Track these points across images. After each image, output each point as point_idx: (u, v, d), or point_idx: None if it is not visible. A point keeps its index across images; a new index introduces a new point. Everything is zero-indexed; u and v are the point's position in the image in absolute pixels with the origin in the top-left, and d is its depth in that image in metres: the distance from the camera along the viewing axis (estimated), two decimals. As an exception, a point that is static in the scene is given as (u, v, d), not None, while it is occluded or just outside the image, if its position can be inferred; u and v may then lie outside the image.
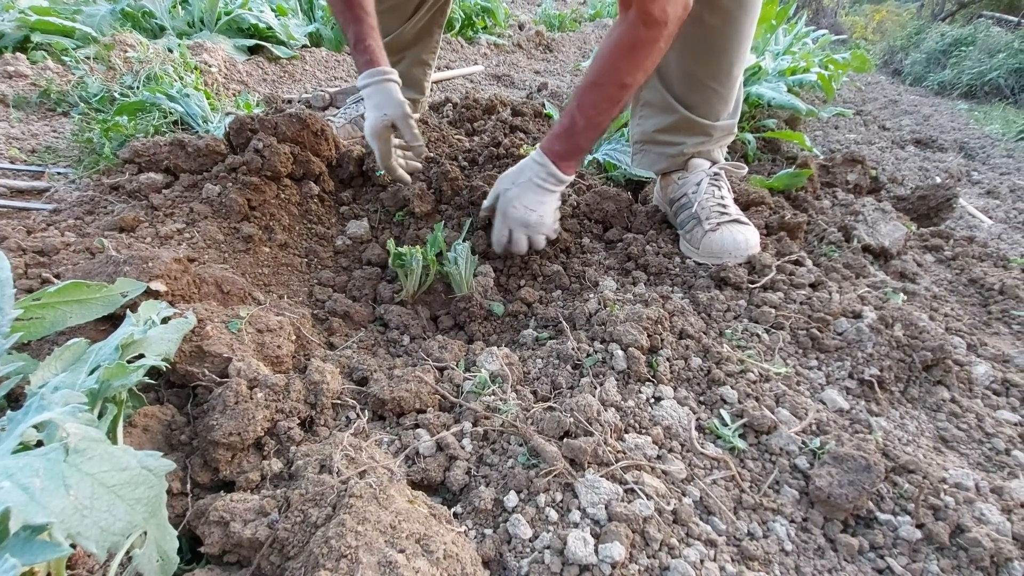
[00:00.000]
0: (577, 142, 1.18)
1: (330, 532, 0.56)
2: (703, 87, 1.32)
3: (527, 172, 1.22)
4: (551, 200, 1.23)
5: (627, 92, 1.11)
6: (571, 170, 1.22)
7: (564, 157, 1.19)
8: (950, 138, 3.27)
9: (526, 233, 1.23)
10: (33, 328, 0.76)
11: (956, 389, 1.05)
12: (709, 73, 1.30)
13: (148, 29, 2.58)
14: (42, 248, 1.07)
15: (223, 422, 0.73)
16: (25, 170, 1.50)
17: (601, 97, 1.11)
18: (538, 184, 1.20)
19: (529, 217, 1.21)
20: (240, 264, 1.25)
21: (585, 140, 1.18)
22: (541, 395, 0.93)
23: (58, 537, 0.35)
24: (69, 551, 0.35)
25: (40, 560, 0.34)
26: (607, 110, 1.12)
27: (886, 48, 7.12)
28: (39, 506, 0.35)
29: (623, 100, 1.12)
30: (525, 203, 1.20)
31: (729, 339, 1.09)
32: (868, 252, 1.45)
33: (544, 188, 1.21)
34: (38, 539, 0.35)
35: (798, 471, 0.83)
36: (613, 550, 0.64)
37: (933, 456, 0.89)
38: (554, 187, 1.22)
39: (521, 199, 1.21)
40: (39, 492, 0.35)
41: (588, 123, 1.15)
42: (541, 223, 1.22)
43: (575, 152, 1.20)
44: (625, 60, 1.07)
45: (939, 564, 0.72)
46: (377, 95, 1.30)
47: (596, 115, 1.13)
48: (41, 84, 1.95)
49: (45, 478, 0.36)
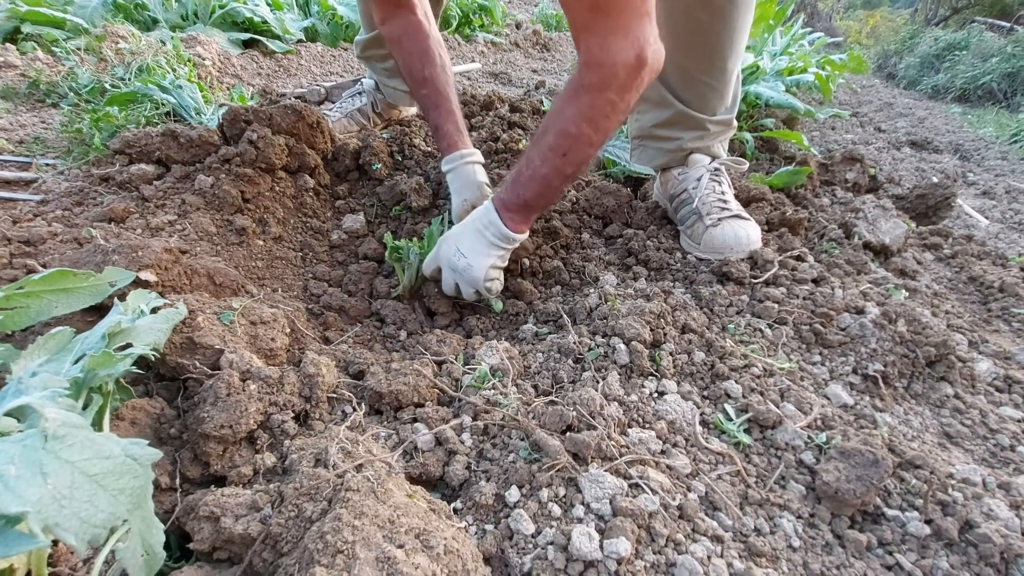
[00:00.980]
0: (520, 194, 1.07)
1: (326, 527, 0.54)
2: (697, 82, 1.30)
3: (474, 215, 1.13)
4: (487, 252, 1.10)
5: (574, 144, 0.99)
6: (516, 226, 1.10)
7: (508, 208, 1.09)
8: (945, 140, 3.29)
9: (453, 279, 1.13)
10: (17, 317, 0.74)
11: (959, 385, 1.04)
12: (702, 68, 1.28)
13: (141, 21, 2.54)
14: (28, 238, 1.04)
15: (214, 414, 0.71)
16: (12, 160, 1.47)
17: (545, 145, 1.01)
18: (477, 230, 1.10)
19: (458, 262, 1.10)
20: (233, 257, 1.22)
21: (531, 192, 1.06)
22: (542, 389, 0.91)
23: (34, 528, 0.33)
24: (45, 543, 0.33)
25: (13, 552, 0.32)
26: (550, 160, 1.01)
27: (880, 52, 7.17)
28: (13, 495, 0.32)
29: (570, 153, 1.00)
30: (459, 246, 1.10)
31: (732, 334, 1.07)
32: (869, 249, 1.44)
33: (483, 236, 1.10)
34: (13, 530, 0.33)
35: (804, 466, 0.82)
36: (619, 545, 0.62)
37: (938, 452, 0.88)
38: (494, 239, 1.10)
39: (458, 240, 1.11)
40: (14, 480, 0.33)
41: (533, 174, 1.04)
42: (468, 272, 1.10)
43: (521, 205, 1.08)
44: (569, 106, 0.97)
45: (948, 560, 0.71)
46: (458, 180, 1.29)
47: (540, 165, 1.02)
48: (30, 75, 1.92)
49: (21, 465, 0.34)
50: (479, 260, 1.10)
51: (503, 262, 1.16)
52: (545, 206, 1.19)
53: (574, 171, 1.04)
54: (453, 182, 1.30)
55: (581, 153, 1.01)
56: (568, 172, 1.03)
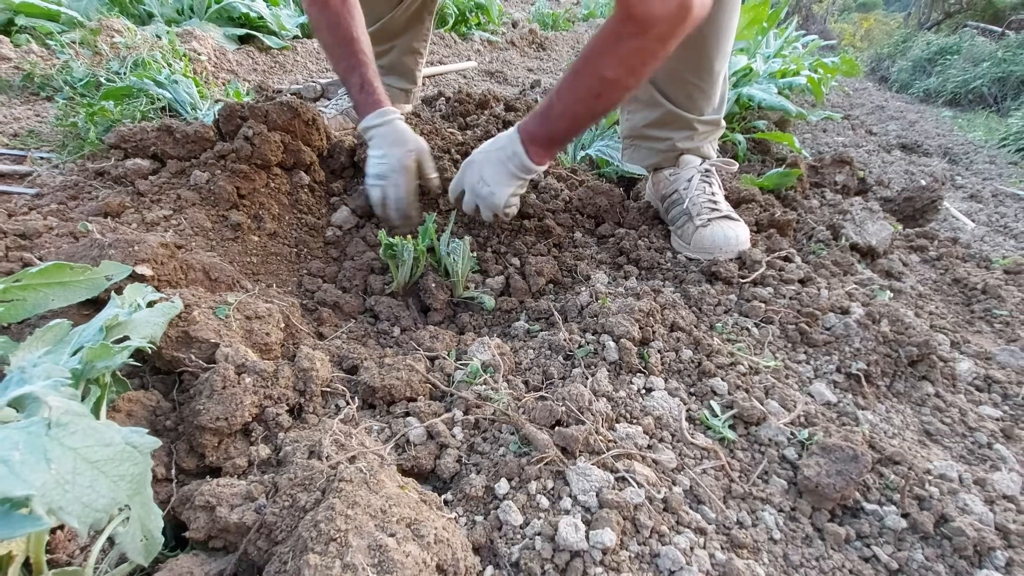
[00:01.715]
0: (551, 128, 1.11)
1: (319, 516, 0.55)
2: (685, 82, 1.32)
3: (497, 144, 1.17)
4: (510, 182, 1.17)
5: (609, 88, 1.02)
6: (541, 158, 1.15)
7: (536, 141, 1.12)
8: (935, 144, 3.33)
9: (475, 201, 1.21)
10: (13, 310, 0.74)
11: (940, 384, 1.06)
12: (689, 68, 1.30)
13: (136, 15, 2.54)
14: (23, 231, 1.05)
15: (210, 407, 0.72)
16: (6, 154, 1.47)
17: (579, 85, 1.04)
18: (501, 160, 1.16)
19: (480, 189, 1.18)
20: (228, 252, 1.23)
21: (559, 128, 1.11)
22: (533, 385, 0.93)
23: (39, 511, 0.34)
24: (49, 524, 0.34)
25: (20, 533, 0.33)
26: (584, 100, 1.05)
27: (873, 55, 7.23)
28: (18, 479, 0.34)
29: (604, 95, 1.04)
30: (482, 174, 1.17)
31: (719, 332, 1.09)
32: (856, 250, 1.47)
33: (506, 167, 1.15)
34: (17, 513, 0.34)
35: (787, 461, 0.84)
36: (604, 536, 0.64)
37: (918, 449, 0.91)
38: (517, 170, 1.15)
39: (481, 168, 1.17)
40: (19, 465, 0.34)
41: (564, 110, 1.08)
42: (491, 198, 1.18)
43: (548, 139, 1.13)
44: (607, 52, 1.00)
45: (924, 553, 0.73)
46: (393, 133, 1.29)
47: (573, 104, 1.06)
48: (24, 68, 1.91)
49: (25, 451, 0.35)
50: (501, 189, 1.17)
51: (522, 190, 1.24)
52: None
53: (604, 111, 1.08)
54: (387, 135, 1.29)
55: (615, 95, 1.05)
56: (598, 111, 1.08)
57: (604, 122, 1.96)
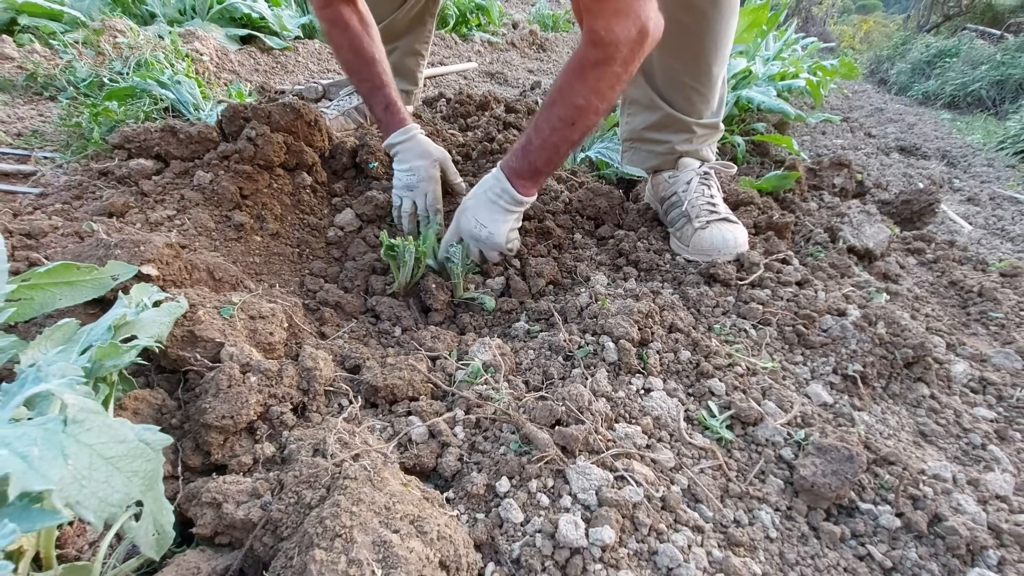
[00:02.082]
0: (532, 161, 1.15)
1: (325, 512, 0.57)
2: (683, 85, 1.35)
3: (484, 186, 1.21)
4: (505, 219, 1.20)
5: (582, 114, 1.07)
6: (527, 191, 1.19)
7: (520, 175, 1.17)
8: (933, 146, 3.35)
9: (477, 247, 1.24)
10: (22, 309, 0.75)
11: (936, 386, 1.08)
12: (688, 72, 1.33)
13: (138, 15, 2.54)
14: (29, 231, 1.06)
15: (216, 405, 0.73)
16: (10, 153, 1.48)
17: (554, 116, 1.09)
18: (492, 200, 1.19)
19: (479, 232, 1.20)
20: (231, 252, 1.24)
21: (540, 160, 1.14)
22: (533, 385, 0.94)
23: (56, 505, 0.35)
24: (67, 518, 0.35)
25: (39, 526, 0.34)
26: (560, 129, 1.09)
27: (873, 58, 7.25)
28: (37, 474, 0.35)
29: (578, 122, 1.08)
30: (478, 217, 1.20)
31: (718, 334, 1.11)
32: (853, 253, 1.48)
33: (498, 205, 1.19)
34: (36, 507, 0.35)
35: (783, 461, 0.85)
36: (603, 534, 0.65)
37: (913, 449, 0.92)
38: (509, 205, 1.19)
39: (476, 212, 1.20)
40: (37, 460, 0.35)
41: (543, 142, 1.12)
42: (492, 239, 1.20)
43: (531, 172, 1.17)
44: (577, 80, 1.04)
45: (917, 551, 0.74)
46: (418, 147, 1.36)
47: (550, 135, 1.10)
48: (28, 67, 1.92)
49: (43, 447, 0.36)
50: (499, 227, 1.20)
51: (518, 223, 1.27)
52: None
53: (580, 137, 1.12)
54: (411, 149, 1.37)
55: (588, 121, 1.09)
56: (575, 139, 1.12)
57: (604, 124, 1.98)
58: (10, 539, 0.32)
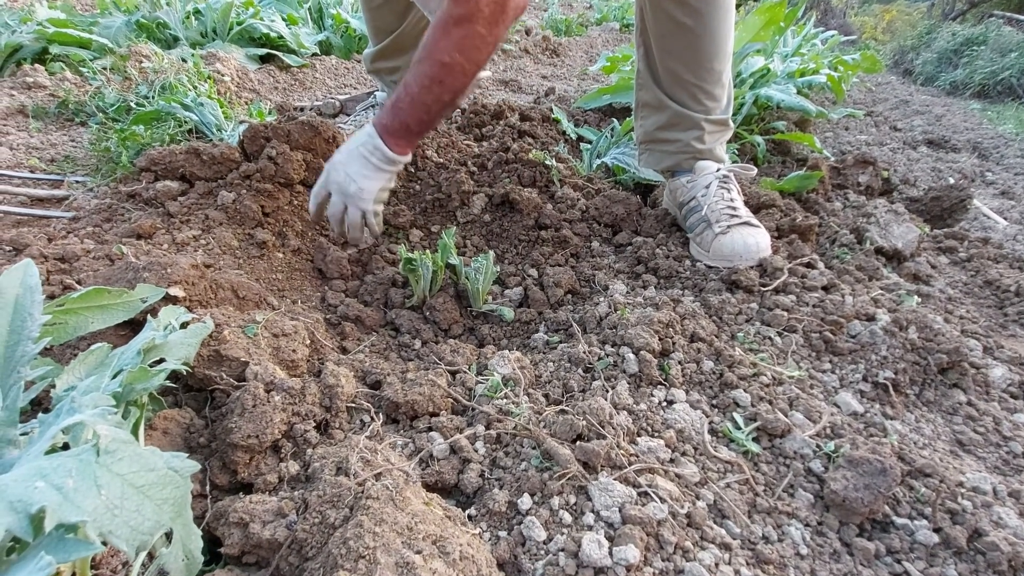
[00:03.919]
0: (403, 120, 1.12)
1: (348, 533, 0.57)
2: (687, 83, 1.36)
3: (357, 141, 1.17)
4: (376, 176, 1.17)
5: (449, 73, 1.06)
6: (403, 149, 1.15)
7: (392, 132, 1.14)
8: (963, 138, 3.24)
9: (343, 201, 1.17)
10: (57, 333, 0.78)
11: (972, 392, 1.04)
12: (690, 70, 1.34)
13: (162, 39, 2.63)
14: (63, 255, 1.10)
15: (241, 424, 0.75)
16: (45, 179, 1.54)
17: (422, 73, 1.07)
18: (364, 156, 1.15)
19: (348, 187, 1.15)
20: (255, 270, 1.27)
21: (411, 116, 1.12)
22: (553, 398, 0.94)
23: (91, 535, 0.36)
24: (101, 549, 0.36)
25: (74, 557, 0.35)
26: (428, 87, 1.07)
27: (896, 48, 7.06)
28: (73, 505, 0.36)
29: (445, 81, 1.06)
30: (348, 171, 1.15)
31: (741, 342, 1.08)
32: (881, 254, 1.44)
33: (369, 161, 1.15)
34: (71, 537, 0.36)
35: (813, 475, 0.83)
36: (628, 552, 0.64)
37: (950, 460, 0.89)
38: (380, 163, 1.15)
39: (346, 166, 1.16)
40: (72, 492, 0.36)
41: (412, 100, 1.10)
42: (359, 196, 1.15)
43: (403, 129, 1.14)
44: (442, 37, 1.04)
45: (957, 568, 0.72)
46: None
47: (419, 92, 1.08)
48: (59, 95, 2.00)
49: (78, 478, 0.37)
50: (369, 183, 1.15)
51: (390, 184, 1.22)
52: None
53: (451, 98, 1.10)
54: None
55: (456, 82, 1.07)
56: (446, 99, 1.09)
57: (619, 129, 1.96)
58: (46, 572, 0.34)
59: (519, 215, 1.52)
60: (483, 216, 1.55)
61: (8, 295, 0.59)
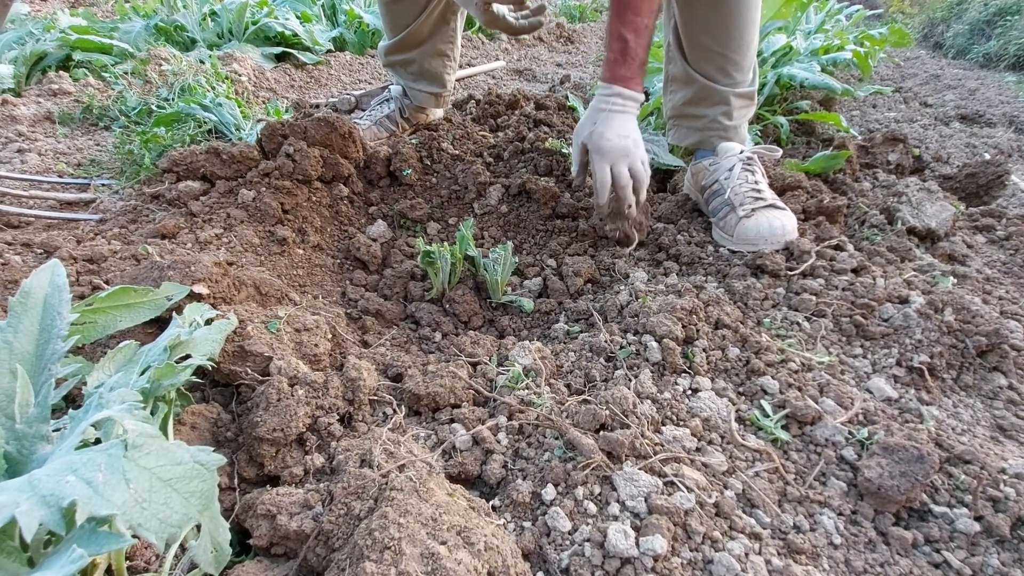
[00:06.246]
0: (636, 56, 1.19)
1: (373, 524, 0.57)
2: (716, 55, 1.34)
3: (600, 107, 1.22)
4: (635, 123, 1.24)
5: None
6: (639, 86, 1.23)
7: (630, 78, 1.20)
8: (998, 112, 3.09)
9: (627, 163, 1.21)
10: (87, 332, 0.80)
11: (1014, 375, 0.99)
12: (719, 42, 1.32)
13: (180, 42, 2.67)
14: (91, 256, 1.12)
15: (267, 418, 0.75)
16: (72, 183, 1.58)
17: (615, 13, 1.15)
18: (619, 112, 1.21)
19: (626, 143, 1.20)
20: (276, 266, 1.28)
21: (642, 49, 1.19)
22: (575, 388, 0.93)
23: (120, 528, 0.37)
24: (132, 541, 0.37)
25: (105, 550, 0.36)
26: (627, 22, 1.15)
27: (925, 21, 6.78)
28: (102, 499, 0.37)
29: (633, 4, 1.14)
30: (617, 131, 1.20)
31: (768, 328, 1.06)
32: (913, 235, 1.39)
33: (626, 112, 1.22)
34: (101, 530, 0.37)
35: (845, 462, 0.81)
36: (655, 543, 0.63)
37: (991, 446, 0.85)
38: (633, 109, 1.23)
39: (611, 130, 1.20)
40: (102, 486, 0.37)
41: (636, 32, 1.16)
42: (638, 146, 1.22)
43: (639, 68, 1.21)
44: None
45: (999, 558, 0.69)
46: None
47: (637, 18, 1.15)
48: (84, 100, 2.04)
49: (107, 472, 0.38)
50: (637, 133, 1.23)
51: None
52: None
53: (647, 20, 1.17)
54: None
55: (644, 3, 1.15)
56: (647, 23, 1.17)
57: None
58: (79, 564, 0.34)
59: (536, 205, 1.51)
60: (500, 207, 1.54)
61: (37, 295, 0.60)
